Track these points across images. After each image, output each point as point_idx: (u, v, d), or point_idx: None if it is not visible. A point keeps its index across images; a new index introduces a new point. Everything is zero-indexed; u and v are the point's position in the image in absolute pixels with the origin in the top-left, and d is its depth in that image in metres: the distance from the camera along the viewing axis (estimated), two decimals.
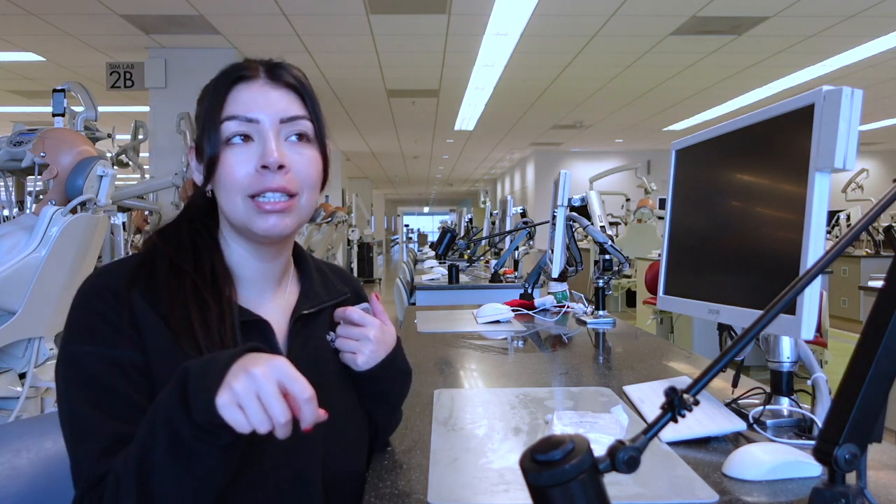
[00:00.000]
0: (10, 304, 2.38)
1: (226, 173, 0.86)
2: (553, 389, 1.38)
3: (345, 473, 0.92)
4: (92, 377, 0.79)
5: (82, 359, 0.80)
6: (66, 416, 0.79)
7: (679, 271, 1.36)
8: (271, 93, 0.88)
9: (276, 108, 0.88)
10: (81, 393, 0.79)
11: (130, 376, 0.80)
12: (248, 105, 0.87)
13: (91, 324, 0.81)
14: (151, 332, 0.82)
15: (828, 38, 5.80)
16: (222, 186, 0.87)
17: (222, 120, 0.87)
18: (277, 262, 0.94)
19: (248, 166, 0.86)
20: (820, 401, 1.03)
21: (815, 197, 0.93)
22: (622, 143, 12.70)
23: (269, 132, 0.86)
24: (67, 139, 2.74)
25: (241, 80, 0.89)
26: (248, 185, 0.86)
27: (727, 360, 0.55)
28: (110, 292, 0.83)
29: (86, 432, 0.77)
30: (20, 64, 6.47)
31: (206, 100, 0.90)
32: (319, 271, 1.03)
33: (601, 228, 2.35)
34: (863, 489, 0.55)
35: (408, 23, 5.39)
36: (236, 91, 0.88)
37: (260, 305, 0.92)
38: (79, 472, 0.77)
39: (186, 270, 0.87)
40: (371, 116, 9.59)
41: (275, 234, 0.88)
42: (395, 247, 29.12)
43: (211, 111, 0.88)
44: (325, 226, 8.66)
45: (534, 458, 0.49)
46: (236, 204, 0.87)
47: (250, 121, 0.86)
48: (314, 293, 0.98)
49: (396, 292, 4.08)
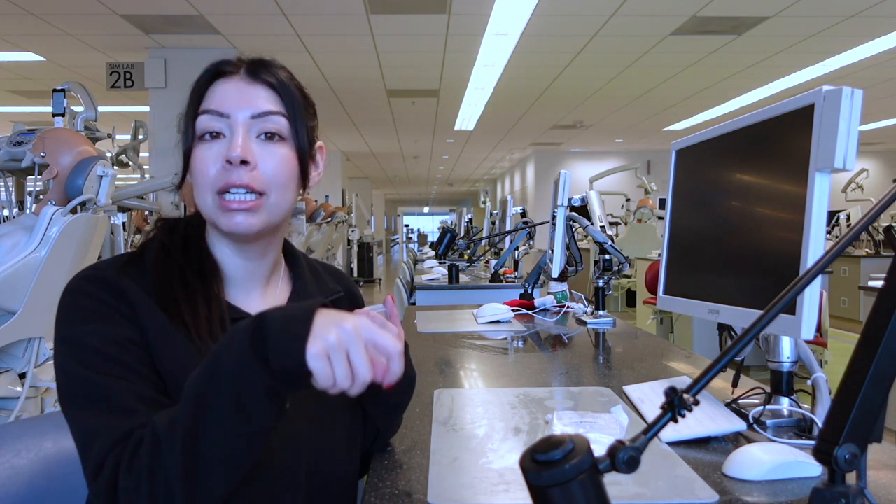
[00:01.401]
0: (10, 304, 2.38)
1: (196, 168, 0.86)
2: (553, 389, 1.38)
3: (332, 476, 0.91)
4: (96, 351, 0.77)
5: (83, 337, 0.78)
6: (76, 391, 0.76)
7: (679, 271, 1.36)
8: (247, 89, 0.87)
9: (249, 105, 0.86)
10: (90, 365, 0.76)
11: (132, 352, 0.79)
12: (221, 100, 0.86)
13: (85, 305, 0.80)
14: (145, 310, 0.81)
15: (828, 38, 5.80)
16: (194, 182, 0.87)
17: (198, 114, 0.86)
18: (264, 260, 0.93)
19: (217, 162, 0.85)
20: (820, 401, 1.03)
21: (815, 197, 0.93)
22: (622, 143, 12.70)
23: (238, 127, 0.85)
24: (67, 139, 2.74)
25: (222, 75, 0.88)
26: (214, 180, 0.85)
27: (727, 360, 0.55)
28: (101, 279, 0.82)
29: (100, 398, 0.74)
30: (20, 64, 6.48)
31: (189, 96, 0.89)
32: (312, 270, 1.02)
33: (601, 228, 2.35)
34: (863, 489, 0.55)
35: (408, 23, 5.39)
36: (215, 86, 0.88)
37: (247, 304, 0.91)
38: (93, 438, 0.72)
39: (175, 256, 0.87)
40: (371, 116, 9.59)
41: (240, 231, 0.86)
42: (395, 247, 29.12)
43: (190, 106, 0.88)
44: (325, 226, 8.66)
45: (534, 458, 0.49)
46: (206, 200, 0.86)
47: (222, 115, 0.85)
48: (306, 292, 0.97)
49: (396, 292, 4.08)
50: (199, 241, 0.91)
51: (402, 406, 1.01)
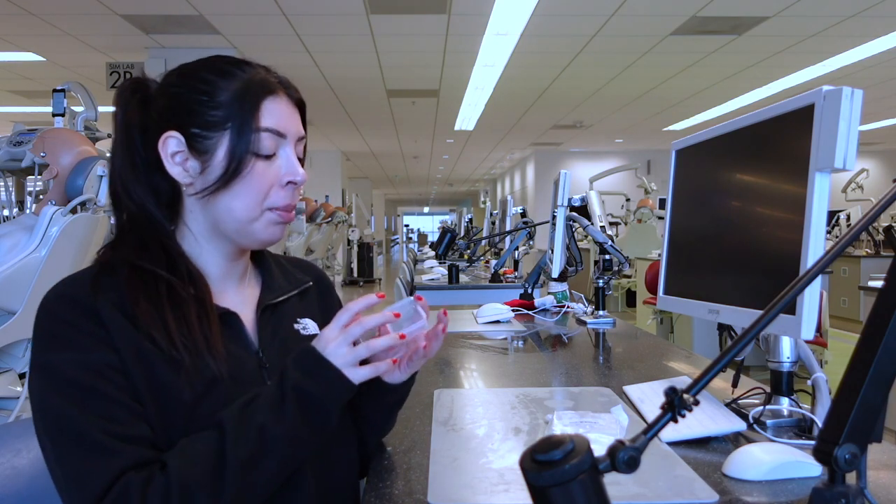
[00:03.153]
0: (10, 304, 2.38)
1: (253, 182, 0.87)
2: (553, 389, 1.38)
3: (338, 474, 0.92)
4: (71, 382, 0.76)
5: (57, 366, 0.77)
6: (51, 426, 0.76)
7: (679, 271, 1.36)
8: (293, 112, 0.91)
9: (297, 127, 0.91)
10: (64, 398, 0.76)
11: (108, 377, 0.77)
12: (278, 120, 0.88)
13: (58, 331, 0.79)
14: (118, 330, 0.80)
15: (828, 38, 5.80)
16: (241, 193, 0.87)
17: (259, 129, 0.86)
18: (242, 259, 0.96)
19: (273, 179, 0.88)
20: (820, 401, 1.03)
21: (815, 197, 0.93)
22: (622, 143, 12.70)
23: (291, 149, 0.90)
24: (67, 139, 2.74)
25: (271, 93, 0.89)
26: (273, 197, 0.88)
27: (727, 360, 0.55)
28: (72, 299, 0.81)
29: (77, 438, 0.74)
30: (20, 64, 6.48)
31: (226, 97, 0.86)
32: (278, 264, 1.04)
33: (601, 228, 2.35)
34: (863, 489, 0.55)
35: (408, 23, 5.39)
36: (268, 103, 0.88)
37: (224, 299, 0.92)
38: (78, 480, 0.73)
39: (160, 275, 0.85)
40: (371, 116, 9.59)
41: (275, 241, 0.92)
42: (395, 247, 29.12)
43: (245, 116, 0.86)
44: (325, 226, 8.66)
45: (534, 458, 0.49)
46: (252, 212, 0.88)
47: (280, 135, 0.89)
48: (276, 285, 0.99)
49: (396, 292, 4.08)
50: (178, 251, 0.90)
51: (400, 404, 1.02)
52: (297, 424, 0.77)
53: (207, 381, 0.82)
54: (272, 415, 0.76)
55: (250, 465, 0.74)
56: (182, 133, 0.86)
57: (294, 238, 7.04)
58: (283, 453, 0.77)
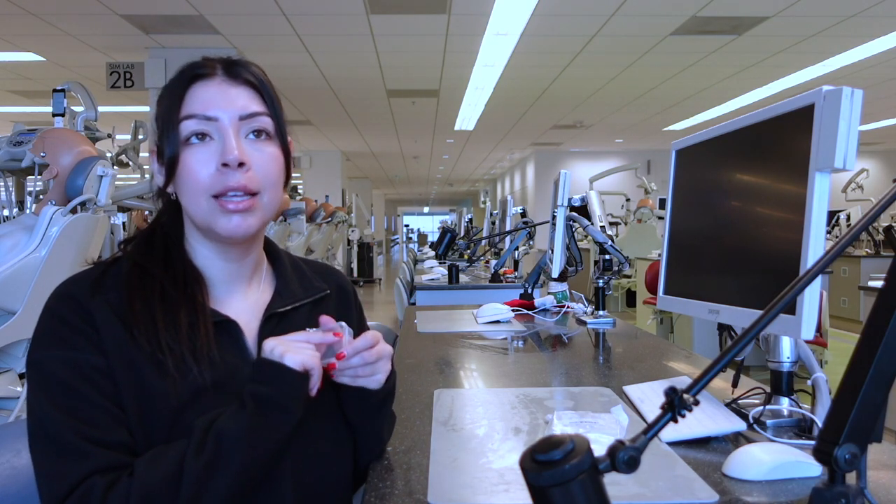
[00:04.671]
0: (10, 304, 2.38)
1: (186, 173, 0.85)
2: (553, 389, 1.38)
3: (322, 484, 0.90)
4: (56, 381, 0.78)
5: (46, 363, 0.79)
6: (33, 423, 0.78)
7: (679, 271, 1.36)
8: (230, 90, 0.87)
9: (234, 106, 0.86)
10: (47, 397, 0.78)
11: (93, 379, 0.79)
12: (206, 103, 0.85)
13: (52, 328, 0.81)
14: (108, 333, 0.81)
15: (828, 38, 5.80)
16: (184, 187, 0.86)
17: (180, 119, 0.85)
18: (246, 261, 0.93)
19: (210, 166, 0.84)
20: (820, 401, 1.03)
21: (815, 197, 0.93)
22: (622, 143, 12.70)
23: (228, 129, 0.84)
24: (67, 139, 2.74)
25: (199, 78, 0.87)
26: (209, 184, 0.84)
27: (727, 360, 0.55)
28: (71, 298, 0.82)
29: (53, 438, 0.76)
30: (20, 64, 6.48)
31: (163, 100, 0.88)
32: (296, 268, 1.01)
33: (601, 228, 2.35)
34: (863, 489, 0.55)
35: (408, 23, 5.39)
36: (194, 89, 0.86)
37: (228, 305, 0.91)
38: (48, 478, 0.76)
39: (155, 274, 0.85)
40: (371, 116, 9.59)
41: (238, 234, 0.86)
42: (395, 247, 29.12)
43: (169, 111, 0.86)
44: (325, 226, 8.66)
45: (534, 458, 0.49)
46: (199, 205, 0.85)
47: (209, 119, 0.84)
48: (289, 291, 0.96)
49: (396, 292, 4.08)
50: (180, 250, 0.90)
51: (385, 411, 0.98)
52: (254, 424, 0.76)
53: (193, 389, 0.81)
54: (231, 420, 0.77)
55: (209, 471, 0.74)
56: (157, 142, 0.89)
57: (294, 238, 7.03)
58: (244, 456, 0.75)
